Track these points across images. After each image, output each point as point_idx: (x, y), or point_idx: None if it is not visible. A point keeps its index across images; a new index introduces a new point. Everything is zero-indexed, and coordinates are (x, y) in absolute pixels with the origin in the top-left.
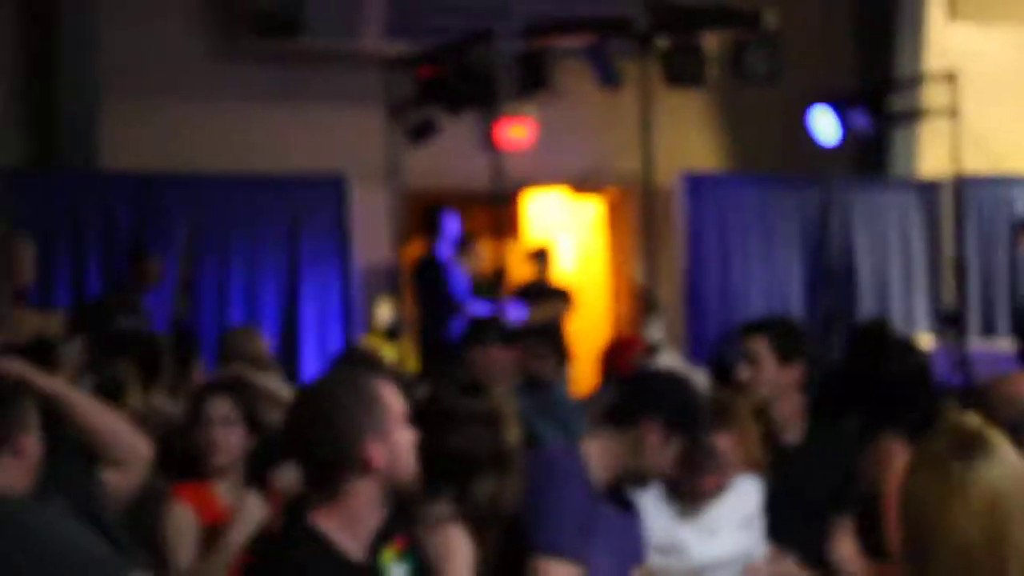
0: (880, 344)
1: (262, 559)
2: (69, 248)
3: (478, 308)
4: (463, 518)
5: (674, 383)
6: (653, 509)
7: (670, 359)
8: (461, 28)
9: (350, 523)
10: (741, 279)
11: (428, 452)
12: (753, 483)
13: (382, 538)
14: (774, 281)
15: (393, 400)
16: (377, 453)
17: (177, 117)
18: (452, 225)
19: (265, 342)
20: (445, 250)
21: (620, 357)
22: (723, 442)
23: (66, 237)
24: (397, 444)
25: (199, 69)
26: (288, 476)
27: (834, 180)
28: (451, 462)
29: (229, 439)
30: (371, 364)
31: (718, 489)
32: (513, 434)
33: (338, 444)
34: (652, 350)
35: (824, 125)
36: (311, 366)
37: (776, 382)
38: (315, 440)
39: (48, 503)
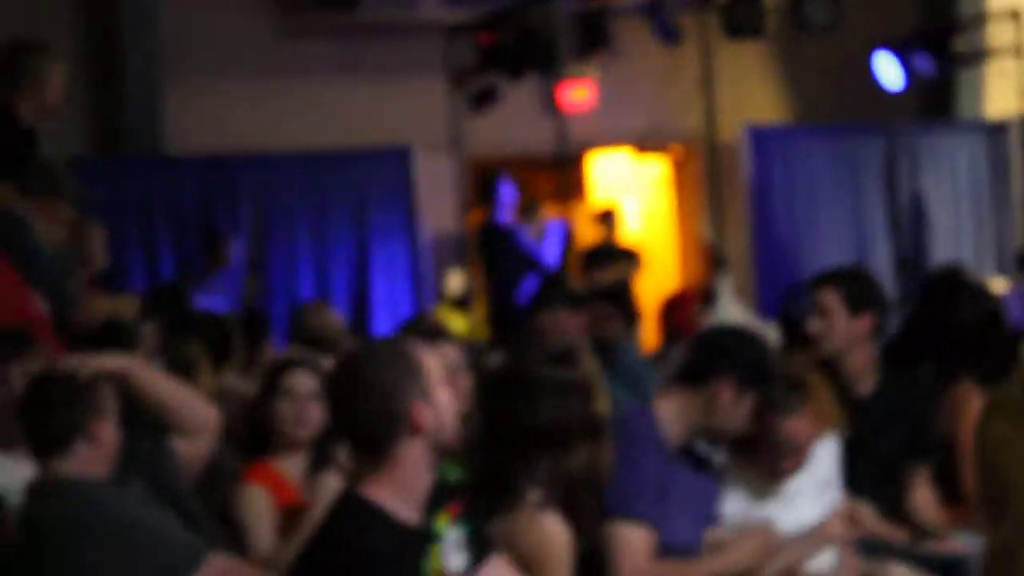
0: (952, 290)
1: (321, 540)
2: (139, 233)
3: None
4: (558, 489)
5: (746, 340)
6: (731, 491)
7: (733, 310)
8: None
9: (403, 489)
10: (809, 232)
11: (521, 424)
12: (829, 444)
13: (436, 504)
14: (844, 232)
15: (431, 363)
16: (424, 414)
17: (240, 96)
18: (508, 191)
19: (337, 316)
20: (505, 216)
21: (679, 312)
22: (799, 425)
23: (136, 222)
24: (440, 405)
25: (260, 46)
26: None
27: (900, 126)
28: (545, 433)
29: (312, 413)
30: (437, 333)
31: (797, 468)
32: (603, 402)
33: (385, 409)
34: (708, 299)
35: (887, 71)
36: None
37: (848, 334)
38: (361, 408)
39: (127, 487)
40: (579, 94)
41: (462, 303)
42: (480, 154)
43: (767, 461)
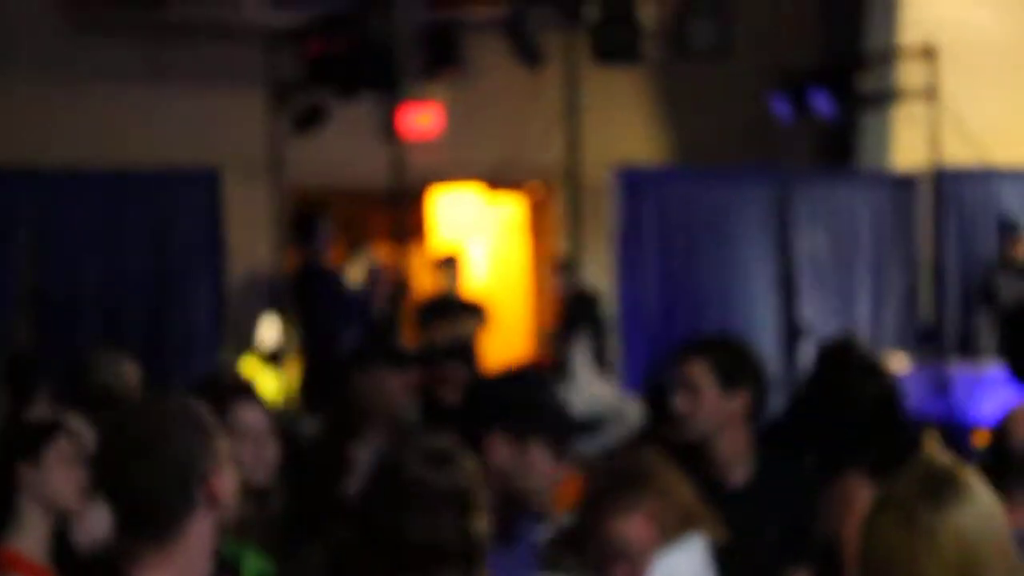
0: (843, 366)
1: None
2: None
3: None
4: None
5: (514, 383)
6: None
7: (589, 383)
8: None
9: (187, 572)
10: (685, 291)
11: (383, 536)
12: (692, 546)
13: None
14: (725, 292)
15: (215, 424)
16: (220, 486)
17: (21, 100)
18: (325, 229)
19: (133, 369)
20: (324, 257)
21: None
22: (632, 527)
23: None
24: (229, 475)
25: (46, 43)
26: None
27: (794, 172)
28: (412, 552)
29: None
30: (242, 390)
31: None
32: (484, 520)
33: (177, 478)
34: (560, 371)
35: (781, 109)
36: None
37: (719, 413)
38: (146, 476)
39: None
40: (422, 119)
41: (274, 357)
42: (302, 182)
43: (596, 564)
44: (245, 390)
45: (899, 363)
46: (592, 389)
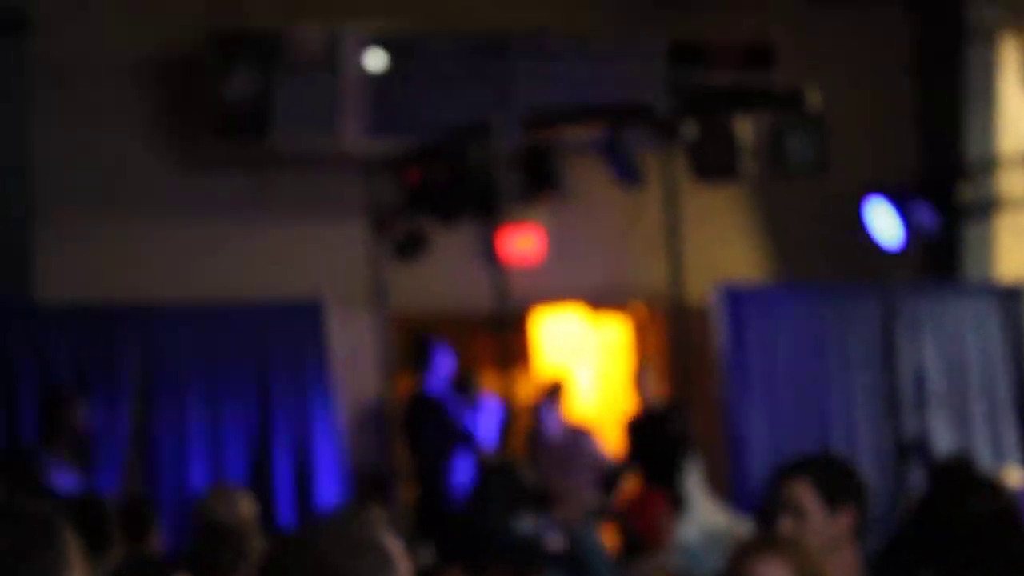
0: (961, 483)
1: None
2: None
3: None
4: None
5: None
6: None
7: (706, 511)
8: (454, 122)
9: None
10: (793, 409)
11: None
12: None
13: None
14: (832, 410)
15: (402, 556)
16: None
17: (124, 237)
18: (444, 360)
19: (248, 503)
20: (438, 386)
21: (643, 519)
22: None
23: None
24: None
25: (150, 179)
26: None
27: (898, 287)
28: None
29: None
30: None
31: None
32: None
33: None
34: (679, 504)
35: (882, 223)
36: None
37: (825, 535)
38: None
39: None
40: (523, 243)
41: (381, 486)
42: (406, 311)
43: None
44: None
45: (1015, 478)
46: (708, 516)
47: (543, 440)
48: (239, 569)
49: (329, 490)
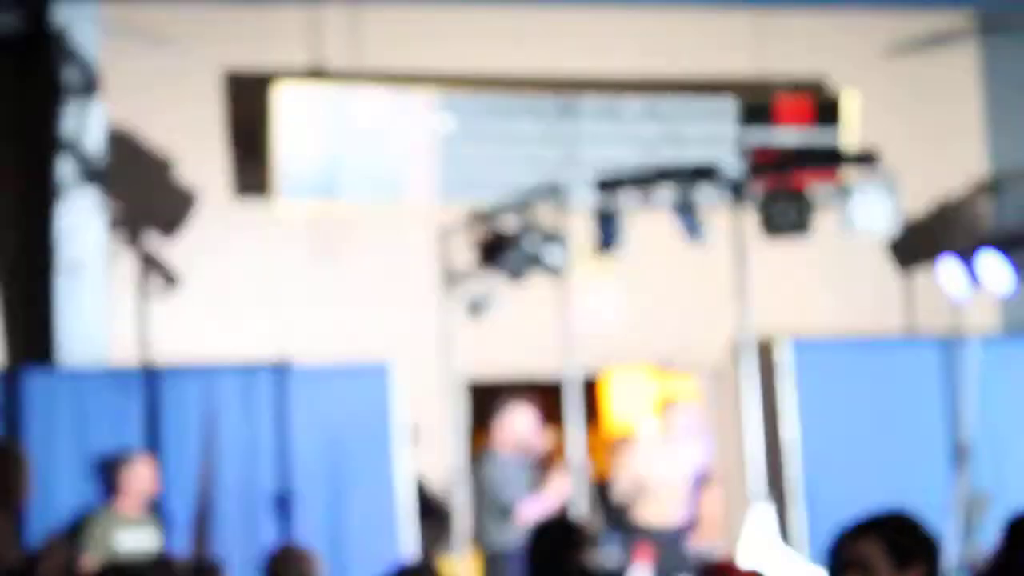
0: None
1: None
2: (70, 451)
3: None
4: None
5: None
6: None
7: (787, 565)
8: (522, 182)
9: None
10: (866, 462)
11: None
12: None
13: None
14: (905, 463)
15: None
16: None
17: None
18: (521, 421)
19: (319, 564)
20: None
21: None
22: None
23: (68, 441)
24: None
25: (216, 237)
26: None
27: (970, 340)
28: None
29: None
30: None
31: None
32: None
33: None
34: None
35: (953, 276)
36: None
37: None
38: None
39: None
40: (592, 302)
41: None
42: (477, 371)
43: None
44: None
45: None
46: (782, 569)
47: None
48: None
49: (401, 546)
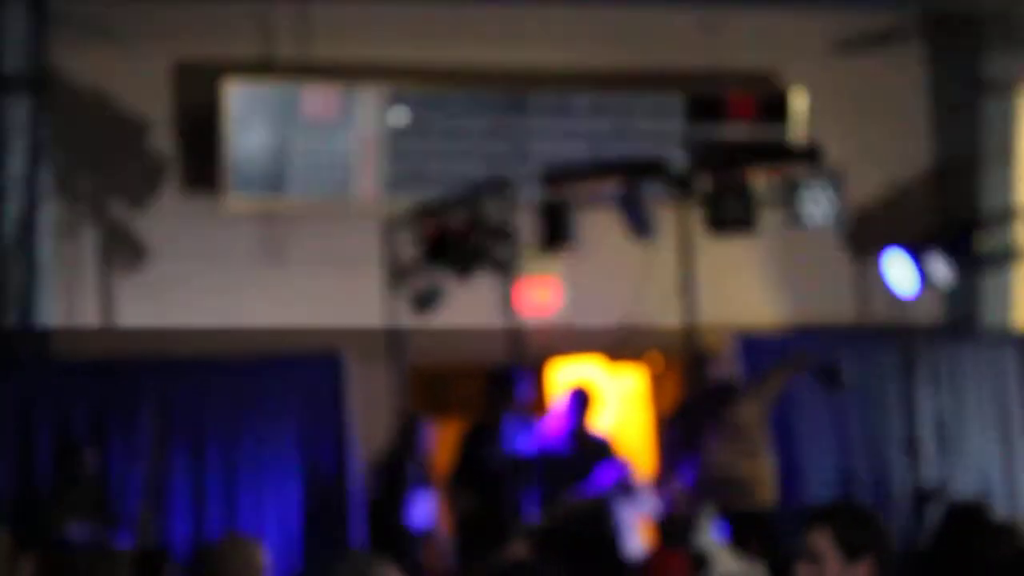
0: (972, 529)
1: None
2: (16, 442)
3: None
4: None
5: None
6: None
7: (724, 562)
8: (471, 177)
9: None
10: (810, 457)
11: None
12: None
13: None
14: (849, 458)
15: None
16: None
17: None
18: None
19: (261, 554)
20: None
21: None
22: None
23: (13, 429)
24: None
25: (166, 232)
26: None
27: (915, 336)
28: None
29: None
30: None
31: None
32: None
33: None
34: (700, 563)
35: (899, 273)
36: None
37: None
38: None
39: None
40: (539, 295)
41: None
42: (422, 363)
43: None
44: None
45: None
46: (726, 567)
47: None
48: None
49: (350, 539)
